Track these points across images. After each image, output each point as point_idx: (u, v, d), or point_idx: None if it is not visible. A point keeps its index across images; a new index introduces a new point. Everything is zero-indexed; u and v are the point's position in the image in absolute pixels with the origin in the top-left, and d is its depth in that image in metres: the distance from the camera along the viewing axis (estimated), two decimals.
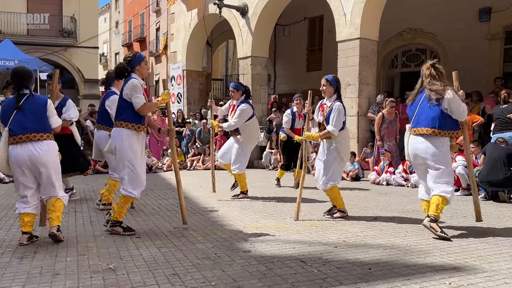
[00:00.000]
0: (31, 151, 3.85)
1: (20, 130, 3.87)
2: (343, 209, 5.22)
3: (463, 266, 3.29)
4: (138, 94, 4.20)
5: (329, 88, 5.09)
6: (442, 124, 4.23)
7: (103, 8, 37.58)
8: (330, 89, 5.08)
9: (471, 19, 11.57)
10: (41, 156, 3.88)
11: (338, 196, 5.21)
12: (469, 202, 6.36)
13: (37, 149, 3.87)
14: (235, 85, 6.51)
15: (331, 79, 5.11)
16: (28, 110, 3.94)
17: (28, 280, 2.97)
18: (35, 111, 3.97)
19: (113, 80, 5.63)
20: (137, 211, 5.55)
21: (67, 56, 21.95)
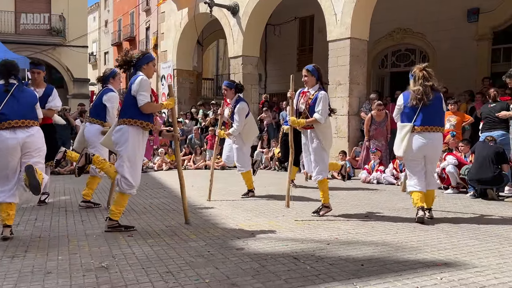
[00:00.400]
0: (25, 136, 4.01)
1: (14, 115, 4.00)
2: (327, 204, 5.20)
3: (454, 262, 3.33)
4: (144, 92, 4.17)
5: (310, 78, 5.08)
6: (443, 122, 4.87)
7: (92, 7, 37.29)
8: (312, 78, 5.08)
9: (460, 19, 11.70)
10: (33, 140, 4.07)
11: (327, 189, 5.22)
12: (458, 200, 6.45)
13: (30, 133, 4.05)
14: (228, 83, 6.55)
15: (312, 69, 5.10)
16: (21, 98, 4.13)
17: (20, 279, 2.94)
18: (28, 100, 4.18)
19: (109, 79, 5.71)
20: (128, 210, 5.52)
21: (56, 55, 21.74)
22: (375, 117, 9.12)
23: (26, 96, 4.19)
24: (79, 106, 11.88)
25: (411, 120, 4.78)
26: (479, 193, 6.56)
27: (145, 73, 4.32)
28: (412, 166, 4.91)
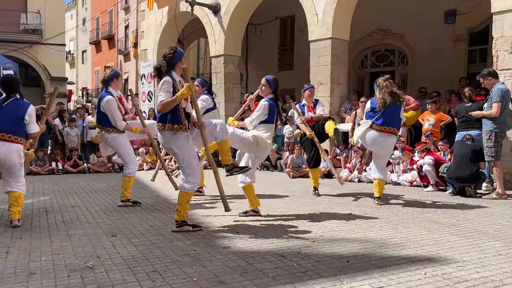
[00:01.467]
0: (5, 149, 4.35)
1: None
2: (256, 209, 5.13)
3: (436, 257, 3.41)
4: (161, 92, 4.06)
5: (267, 89, 5.08)
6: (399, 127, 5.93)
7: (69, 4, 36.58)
8: (268, 89, 5.08)
9: (438, 21, 11.94)
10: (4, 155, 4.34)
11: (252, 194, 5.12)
12: (438, 197, 6.59)
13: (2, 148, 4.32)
14: (201, 80, 6.58)
15: (270, 80, 5.10)
16: (9, 111, 4.39)
17: (3, 280, 2.88)
18: (14, 114, 4.41)
19: (112, 79, 5.71)
20: (111, 211, 5.46)
21: (32, 53, 21.26)
22: (359, 115, 9.25)
23: (14, 110, 4.41)
24: (58, 105, 11.66)
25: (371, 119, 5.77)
26: (458, 190, 6.71)
27: (179, 70, 4.21)
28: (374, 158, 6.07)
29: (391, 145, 6.02)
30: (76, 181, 8.66)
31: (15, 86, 4.51)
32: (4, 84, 4.53)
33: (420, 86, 10.68)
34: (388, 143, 5.86)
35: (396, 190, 7.35)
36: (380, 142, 5.78)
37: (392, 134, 5.79)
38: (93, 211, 5.40)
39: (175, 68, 4.22)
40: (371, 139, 5.80)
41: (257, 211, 5.13)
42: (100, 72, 32.16)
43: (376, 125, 5.72)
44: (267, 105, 4.96)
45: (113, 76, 5.72)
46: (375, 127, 5.72)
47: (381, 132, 5.71)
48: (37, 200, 6.34)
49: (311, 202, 6.08)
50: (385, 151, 6.00)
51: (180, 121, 4.12)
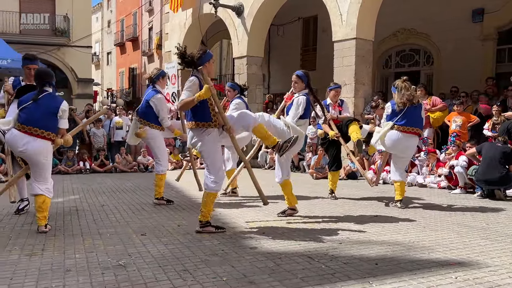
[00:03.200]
0: (24, 143, 4.20)
1: (26, 121, 4.20)
2: (293, 207, 5.15)
3: (467, 261, 3.36)
4: (185, 90, 4.14)
5: (300, 84, 5.09)
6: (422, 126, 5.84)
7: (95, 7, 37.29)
8: (301, 84, 5.09)
9: (464, 19, 11.72)
10: (30, 151, 4.22)
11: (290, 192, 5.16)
12: (466, 200, 6.48)
13: (27, 143, 4.19)
14: (232, 84, 6.58)
15: (301, 74, 5.12)
16: (42, 106, 4.26)
17: (41, 276, 2.98)
18: (48, 108, 4.28)
19: (158, 78, 5.87)
20: (139, 210, 5.57)
21: (60, 55, 21.79)
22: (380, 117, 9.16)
23: (48, 104, 4.29)
24: (86, 106, 11.94)
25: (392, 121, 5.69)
26: (487, 193, 6.58)
27: (206, 71, 4.19)
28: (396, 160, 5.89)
29: (414, 146, 5.94)
30: (103, 181, 8.86)
31: (48, 78, 4.40)
32: (37, 76, 4.42)
33: (446, 86, 10.51)
34: (411, 144, 5.77)
35: (422, 192, 7.26)
36: (404, 143, 5.66)
37: (415, 135, 5.70)
38: (122, 210, 5.52)
39: (203, 68, 4.23)
40: (393, 140, 5.67)
41: (295, 208, 5.13)
42: (125, 73, 32.72)
43: (399, 125, 5.62)
44: (305, 99, 4.98)
45: (159, 75, 5.92)
46: (398, 128, 5.62)
47: (405, 133, 5.60)
48: (67, 199, 6.51)
49: (335, 204, 6.06)
50: (409, 152, 5.90)
51: (210, 117, 4.14)
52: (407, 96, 5.58)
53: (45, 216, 4.31)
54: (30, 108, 4.24)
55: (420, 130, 5.75)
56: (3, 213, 5.27)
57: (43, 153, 4.28)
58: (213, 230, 4.28)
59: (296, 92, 5.14)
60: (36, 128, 4.19)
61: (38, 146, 4.22)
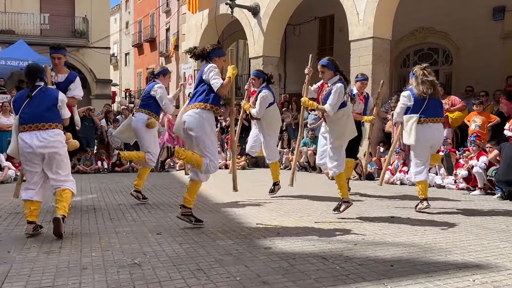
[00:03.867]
0: (39, 139, 4.03)
1: (30, 119, 4.08)
2: (347, 199, 5.07)
3: (485, 264, 3.30)
4: (217, 76, 4.32)
5: (327, 72, 4.91)
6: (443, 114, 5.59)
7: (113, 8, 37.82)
8: (329, 72, 4.90)
9: (485, 17, 11.48)
10: (48, 144, 4.04)
11: (345, 184, 5.15)
12: (485, 202, 6.35)
13: (45, 137, 4.04)
14: (256, 72, 6.49)
15: (326, 63, 4.91)
16: (40, 100, 4.15)
17: (58, 274, 3.04)
18: (46, 101, 4.17)
19: (159, 75, 6.09)
20: (154, 209, 5.62)
21: (79, 56, 22.15)
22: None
23: (45, 98, 4.17)
24: (105, 107, 12.11)
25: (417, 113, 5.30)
26: (507, 194, 6.44)
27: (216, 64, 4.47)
28: (420, 155, 5.42)
29: (441, 134, 5.69)
30: (120, 180, 8.96)
31: (38, 73, 4.28)
32: (27, 73, 4.28)
33: (466, 85, 10.32)
34: (442, 132, 5.59)
35: (440, 193, 7.14)
36: (438, 133, 5.41)
37: (441, 123, 5.47)
38: (138, 209, 5.58)
39: (212, 61, 4.47)
40: (427, 133, 5.27)
41: (349, 201, 5.07)
42: (143, 74, 33.07)
43: (425, 118, 5.26)
44: (341, 86, 4.78)
45: (161, 72, 6.14)
46: (424, 120, 5.25)
47: (435, 123, 5.33)
48: (85, 198, 6.61)
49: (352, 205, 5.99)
50: (439, 142, 5.70)
51: (219, 103, 4.39)
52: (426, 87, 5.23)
53: (64, 206, 4.10)
54: (28, 106, 4.10)
55: (443, 118, 5.58)
56: (23, 212, 5.37)
57: (60, 145, 4.13)
58: (192, 220, 4.46)
59: (327, 81, 4.94)
60: (43, 124, 4.06)
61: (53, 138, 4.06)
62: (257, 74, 6.41)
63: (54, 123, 4.13)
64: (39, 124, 4.06)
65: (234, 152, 5.05)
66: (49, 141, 4.05)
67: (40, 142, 4.02)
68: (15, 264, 3.24)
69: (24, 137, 4.05)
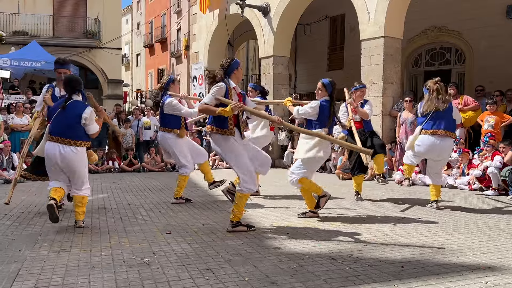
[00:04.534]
0: (61, 152, 4.32)
1: (55, 131, 4.37)
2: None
3: (498, 266, 3.24)
4: (210, 94, 4.25)
5: (323, 92, 5.03)
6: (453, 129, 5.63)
7: (125, 9, 38.14)
8: (324, 92, 5.03)
9: (499, 16, 11.31)
10: (67, 158, 4.34)
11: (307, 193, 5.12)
12: (499, 202, 6.25)
13: (67, 152, 4.32)
14: (253, 85, 6.82)
15: (327, 83, 5.03)
16: (67, 115, 4.39)
17: (67, 272, 3.06)
18: (71, 117, 4.38)
19: (168, 85, 6.01)
20: (165, 209, 5.64)
21: (91, 57, 22.35)
22: (404, 116, 8.99)
23: (71, 114, 4.38)
24: (115, 107, 12.19)
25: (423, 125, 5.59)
26: None
27: (235, 78, 4.43)
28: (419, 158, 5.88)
29: (450, 148, 5.73)
30: (131, 180, 9.02)
31: (77, 86, 4.48)
32: (66, 84, 4.52)
33: (478, 85, 10.17)
34: (446, 146, 5.55)
35: (453, 194, 7.05)
36: (438, 145, 5.47)
37: (448, 137, 5.50)
38: (148, 209, 5.60)
39: (231, 77, 4.41)
40: (426, 144, 5.51)
41: (315, 212, 5.09)
42: (154, 74, 33.28)
43: (427, 129, 5.48)
44: (318, 104, 4.91)
45: (169, 82, 6.04)
46: (426, 132, 5.49)
47: (437, 136, 5.44)
48: (96, 197, 6.66)
49: (362, 205, 5.96)
50: (444, 155, 5.70)
51: (227, 126, 4.26)
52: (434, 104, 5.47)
53: (83, 211, 4.56)
54: (57, 117, 4.39)
55: (453, 133, 5.55)
56: (34, 211, 5.44)
57: (79, 160, 4.41)
58: (244, 229, 4.32)
59: (318, 99, 5.07)
60: (62, 138, 4.32)
61: (72, 154, 4.34)
62: (254, 87, 6.74)
63: (76, 140, 4.36)
64: (63, 138, 4.32)
65: None
66: (69, 156, 4.33)
67: (61, 155, 4.31)
68: (26, 263, 3.27)
69: (48, 146, 4.38)
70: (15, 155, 8.94)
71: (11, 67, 15.77)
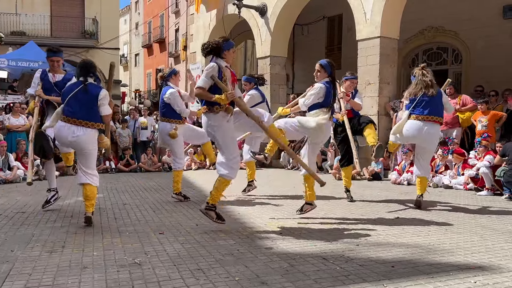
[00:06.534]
0: (73, 133, 4.47)
1: (70, 113, 4.50)
2: (311, 201, 5.06)
3: (488, 265, 3.25)
4: (203, 76, 4.28)
5: (322, 73, 4.97)
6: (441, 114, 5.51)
7: (123, 9, 38.15)
8: (323, 73, 4.96)
9: (495, 16, 11.33)
10: (79, 140, 4.48)
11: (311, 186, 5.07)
12: (492, 202, 6.27)
13: (78, 134, 4.47)
14: (246, 78, 6.79)
15: (325, 64, 4.99)
16: (83, 97, 4.51)
17: (58, 273, 3.06)
18: (86, 99, 4.51)
19: (171, 76, 6.20)
20: (159, 209, 5.64)
21: (89, 57, 22.20)
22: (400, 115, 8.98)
23: (87, 96, 4.51)
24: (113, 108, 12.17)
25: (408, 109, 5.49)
26: None
27: (226, 59, 4.41)
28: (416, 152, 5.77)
29: (436, 135, 5.56)
30: (128, 180, 9.03)
31: (90, 68, 4.65)
32: (81, 68, 4.66)
33: (476, 85, 10.19)
34: (432, 132, 5.40)
35: (448, 193, 7.07)
36: (424, 131, 5.35)
37: (436, 123, 5.40)
38: (143, 209, 5.61)
39: (222, 55, 4.37)
40: (413, 129, 5.40)
41: (312, 203, 5.06)
42: (152, 74, 33.27)
43: (415, 114, 5.38)
44: (323, 87, 4.85)
45: (171, 73, 6.26)
46: (414, 117, 5.39)
47: (424, 121, 5.34)
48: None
49: (356, 205, 5.97)
50: (430, 141, 5.53)
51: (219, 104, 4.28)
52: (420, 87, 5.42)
53: (92, 204, 4.62)
54: (72, 100, 4.50)
55: (440, 118, 5.43)
56: (29, 211, 5.44)
57: (90, 142, 4.55)
58: (214, 217, 4.35)
59: (318, 81, 5.00)
60: (80, 120, 4.47)
61: (84, 135, 4.49)
62: (247, 79, 6.71)
63: (90, 121, 4.51)
64: (77, 120, 4.47)
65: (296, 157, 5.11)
66: (80, 138, 4.47)
67: (72, 137, 4.47)
68: (17, 263, 3.28)
69: (60, 126, 4.53)
70: (11, 155, 8.94)
71: (9, 67, 15.76)
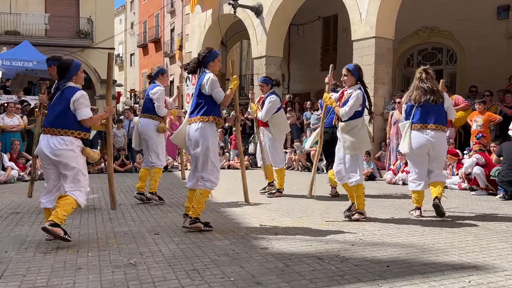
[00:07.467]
0: (49, 144, 3.77)
1: (46, 121, 3.91)
2: (362, 210, 4.94)
3: (483, 265, 3.27)
4: (218, 88, 4.30)
5: (350, 78, 4.89)
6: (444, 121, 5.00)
7: (118, 9, 38.01)
8: (351, 78, 4.89)
9: (489, 17, 11.41)
10: (56, 152, 3.75)
11: (362, 195, 4.93)
12: (487, 202, 6.30)
13: (54, 143, 3.76)
14: (263, 79, 6.67)
15: (352, 68, 4.91)
16: (56, 102, 3.87)
17: (53, 273, 3.05)
18: (61, 104, 3.83)
19: (158, 76, 6.10)
20: (154, 209, 5.63)
21: (84, 57, 22.19)
22: (396, 116, 9.02)
23: (61, 101, 3.84)
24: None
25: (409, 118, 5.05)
26: (510, 195, 6.38)
27: (211, 69, 4.40)
28: (416, 164, 5.06)
29: (444, 141, 5.06)
30: (123, 180, 8.99)
31: (66, 71, 3.92)
32: (57, 69, 4.07)
33: (470, 85, 10.25)
34: (439, 139, 4.93)
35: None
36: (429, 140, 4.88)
37: (439, 130, 4.93)
38: (138, 209, 5.59)
39: (208, 67, 4.40)
40: (419, 142, 4.92)
41: (363, 212, 4.92)
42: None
43: (417, 124, 4.94)
44: (361, 94, 4.78)
45: (158, 73, 6.15)
46: (416, 127, 4.95)
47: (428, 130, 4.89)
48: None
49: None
50: (439, 148, 5.00)
51: (221, 115, 4.42)
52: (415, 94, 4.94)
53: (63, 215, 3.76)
54: (49, 107, 4.00)
55: (443, 126, 4.96)
56: (23, 212, 5.41)
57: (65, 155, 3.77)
58: (201, 227, 4.30)
59: (347, 86, 4.93)
60: (53, 129, 3.78)
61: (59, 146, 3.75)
62: (265, 81, 6.56)
63: (66, 129, 3.78)
64: (51, 128, 3.80)
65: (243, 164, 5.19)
66: (57, 149, 3.75)
67: (49, 147, 3.76)
68: (11, 264, 3.26)
69: (40, 138, 3.89)
70: (5, 155, 8.88)
71: (3, 67, 15.68)
